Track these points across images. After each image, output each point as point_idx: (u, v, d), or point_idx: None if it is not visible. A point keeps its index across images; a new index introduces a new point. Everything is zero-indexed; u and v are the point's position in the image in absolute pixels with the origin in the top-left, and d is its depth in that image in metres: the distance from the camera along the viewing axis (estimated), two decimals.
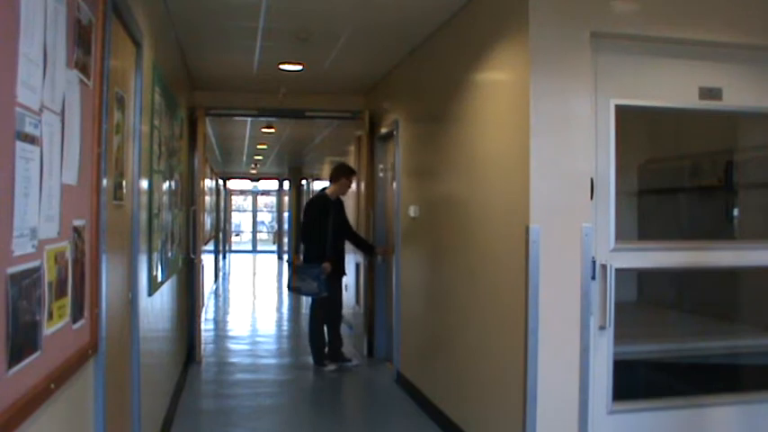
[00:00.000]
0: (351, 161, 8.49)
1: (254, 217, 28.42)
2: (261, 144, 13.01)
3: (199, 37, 5.38)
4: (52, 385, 1.76)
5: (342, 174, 6.61)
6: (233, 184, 24.55)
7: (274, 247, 24.32)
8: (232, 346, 8.07)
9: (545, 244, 3.42)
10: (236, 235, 28.17)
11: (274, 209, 27.23)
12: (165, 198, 4.48)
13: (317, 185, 12.74)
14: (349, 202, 8.89)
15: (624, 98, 3.54)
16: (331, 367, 6.54)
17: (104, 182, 2.38)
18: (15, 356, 1.49)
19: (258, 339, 8.53)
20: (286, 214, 21.13)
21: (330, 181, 6.69)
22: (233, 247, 24.90)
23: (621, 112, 3.53)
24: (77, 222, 2.04)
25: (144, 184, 3.53)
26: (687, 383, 4.05)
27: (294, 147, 13.44)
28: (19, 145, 1.50)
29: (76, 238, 2.03)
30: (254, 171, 20.25)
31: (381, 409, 5.55)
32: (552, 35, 3.45)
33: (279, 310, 11.49)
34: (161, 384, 4.50)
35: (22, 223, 1.52)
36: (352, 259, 8.19)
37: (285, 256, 19.62)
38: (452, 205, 4.68)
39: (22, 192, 1.52)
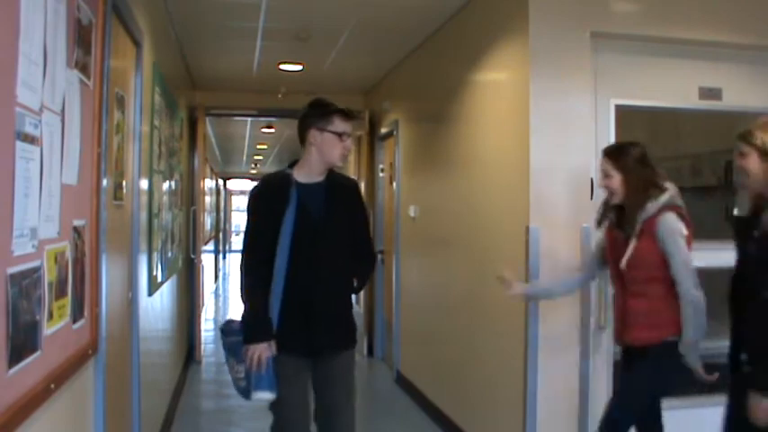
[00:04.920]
0: (350, 161, 8.46)
1: None
2: (261, 144, 13.02)
3: (199, 37, 5.38)
4: (52, 385, 1.76)
5: (312, 122, 2.91)
6: (233, 184, 24.55)
7: None
8: None
9: (545, 244, 3.42)
10: (236, 235, 28.16)
11: None
12: (165, 198, 4.48)
13: None
14: None
15: (624, 98, 3.54)
16: None
17: (104, 182, 2.38)
18: (15, 356, 1.49)
19: None
20: None
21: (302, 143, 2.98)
22: (233, 247, 24.89)
23: (621, 112, 3.53)
24: (77, 222, 2.04)
25: (144, 184, 3.53)
26: (687, 383, 4.04)
27: (294, 147, 13.38)
28: (19, 145, 1.50)
29: (76, 238, 2.03)
30: (254, 171, 20.25)
31: (381, 409, 5.55)
32: (552, 35, 3.45)
33: None
34: (161, 384, 4.50)
35: (22, 223, 1.52)
36: None
37: None
38: (452, 205, 4.68)
39: (22, 192, 1.52)
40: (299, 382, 2.86)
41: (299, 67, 6.32)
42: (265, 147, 13.58)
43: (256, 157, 16.16)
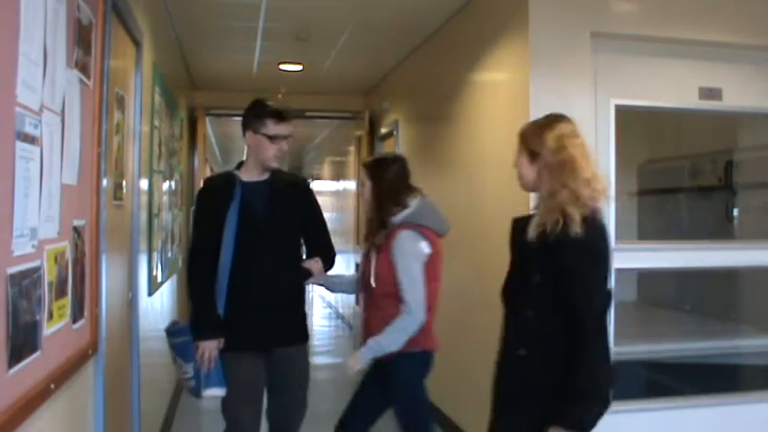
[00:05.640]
0: (351, 161, 8.46)
1: None
2: None
3: (199, 37, 5.38)
4: (52, 385, 1.76)
5: (247, 124, 2.99)
6: None
7: None
8: None
9: None
10: None
11: None
12: (165, 198, 4.48)
13: (317, 186, 12.70)
14: (349, 202, 8.86)
15: (624, 98, 3.54)
16: None
17: (104, 182, 2.38)
18: (15, 356, 1.49)
19: None
20: None
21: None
22: None
23: (621, 112, 3.53)
24: (77, 222, 2.04)
25: (144, 184, 3.53)
26: (687, 383, 4.05)
27: (294, 147, 13.42)
28: (19, 145, 1.50)
29: (76, 238, 2.03)
30: None
31: None
32: (552, 35, 3.44)
33: None
34: (161, 384, 4.50)
35: (22, 223, 1.52)
36: (351, 259, 8.19)
37: None
38: (452, 205, 4.67)
39: (22, 192, 1.52)
40: (247, 380, 2.84)
41: (299, 67, 6.32)
42: None
43: None
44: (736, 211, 4.52)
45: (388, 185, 2.89)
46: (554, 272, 2.05)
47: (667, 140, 5.14)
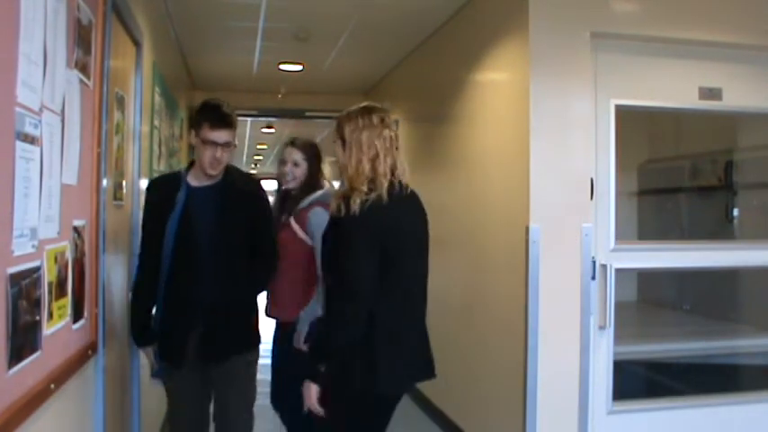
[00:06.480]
0: None
1: None
2: (261, 144, 13.02)
3: (199, 37, 5.38)
4: (52, 385, 1.76)
5: (192, 124, 2.87)
6: None
7: None
8: None
9: (545, 244, 3.42)
10: None
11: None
12: None
13: None
14: None
15: (624, 98, 3.54)
16: None
17: (104, 182, 2.38)
18: (15, 356, 1.49)
19: None
20: None
21: None
22: None
23: (621, 112, 3.53)
24: (77, 222, 2.04)
25: (144, 184, 3.53)
26: (687, 383, 4.05)
27: None
28: (19, 145, 1.50)
29: (76, 238, 2.03)
30: (254, 171, 20.27)
31: None
32: (552, 35, 3.44)
33: None
34: (161, 384, 4.49)
35: (22, 223, 1.52)
36: None
37: None
38: (452, 205, 4.68)
39: (22, 192, 1.52)
40: (185, 393, 2.90)
41: (299, 67, 6.32)
42: (265, 147, 13.58)
43: (256, 157, 16.17)
44: (736, 211, 4.52)
45: (315, 167, 3.25)
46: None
47: (667, 140, 5.14)
